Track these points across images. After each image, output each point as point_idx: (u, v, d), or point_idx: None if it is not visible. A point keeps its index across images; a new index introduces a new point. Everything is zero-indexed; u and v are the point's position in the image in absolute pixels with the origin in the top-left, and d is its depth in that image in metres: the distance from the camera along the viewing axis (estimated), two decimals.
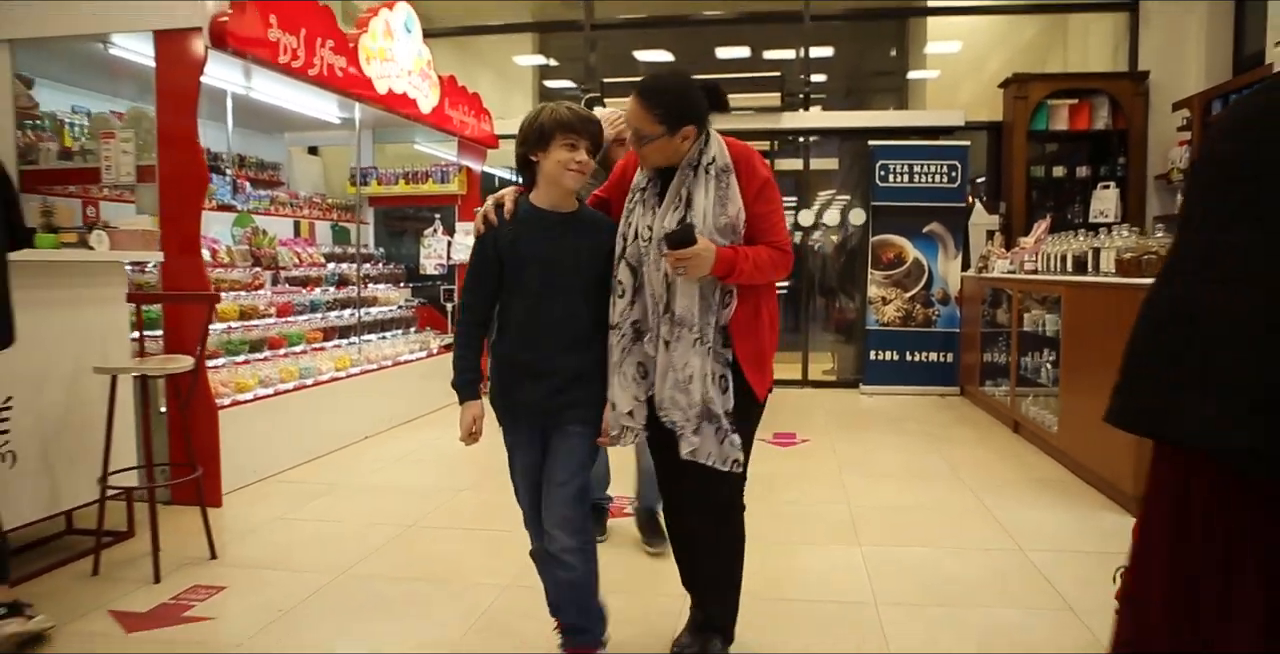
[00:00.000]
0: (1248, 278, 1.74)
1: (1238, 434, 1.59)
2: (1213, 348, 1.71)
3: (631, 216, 2.37)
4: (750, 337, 2.38)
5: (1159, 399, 1.75)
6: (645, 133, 2.26)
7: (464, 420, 2.36)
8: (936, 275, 7.85)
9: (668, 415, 2.31)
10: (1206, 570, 1.71)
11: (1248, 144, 1.83)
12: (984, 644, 2.72)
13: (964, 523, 3.98)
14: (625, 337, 2.35)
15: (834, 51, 11.98)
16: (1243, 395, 1.62)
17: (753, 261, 2.29)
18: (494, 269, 2.37)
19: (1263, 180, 1.75)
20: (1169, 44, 7.64)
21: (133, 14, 4.22)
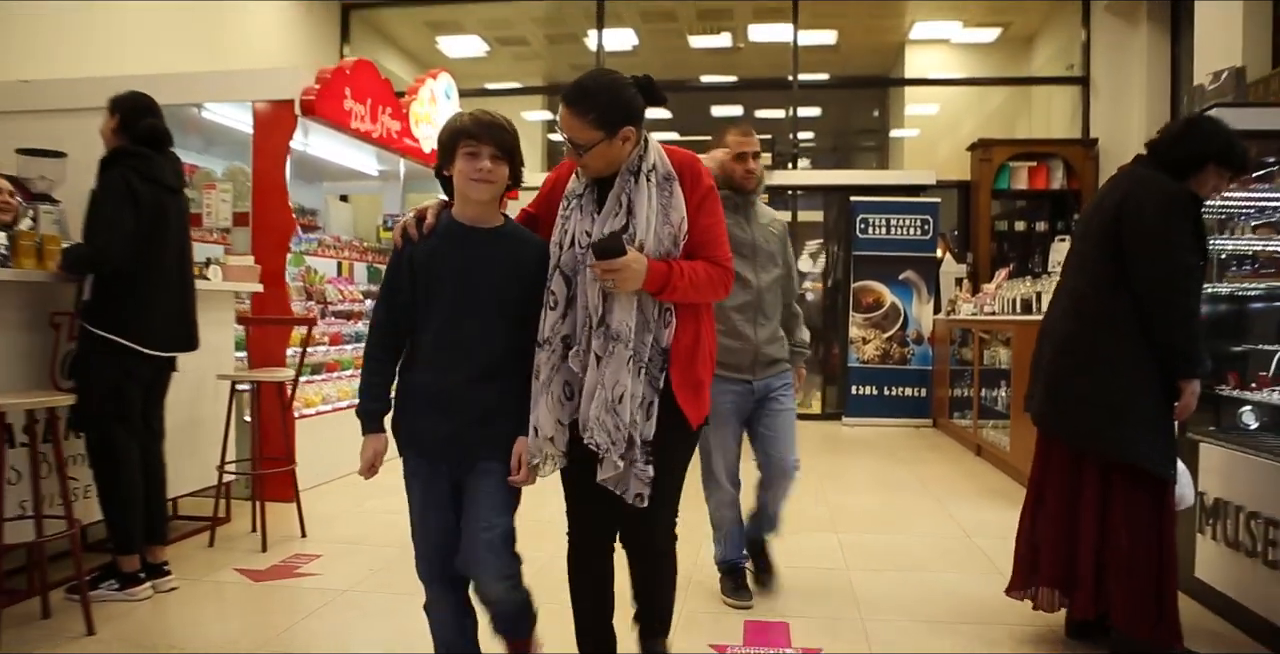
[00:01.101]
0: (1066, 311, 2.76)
1: (1033, 406, 2.83)
2: (1041, 358, 2.81)
3: (567, 223, 2.17)
4: (689, 360, 2.20)
5: (1031, 392, 2.69)
6: (582, 141, 2.08)
7: (364, 454, 2.18)
8: (911, 318, 8.70)
9: (592, 437, 2.09)
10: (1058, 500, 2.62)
11: (1085, 218, 2.75)
12: (927, 594, 3.49)
13: (923, 519, 4.76)
14: (555, 353, 2.14)
15: (821, 111, 13.07)
16: (1040, 384, 2.72)
17: (689, 278, 2.12)
18: (409, 286, 2.17)
19: (1085, 242, 2.64)
20: (1115, 114, 8.62)
21: (237, 87, 5.09)
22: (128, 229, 3.19)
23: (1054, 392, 2.79)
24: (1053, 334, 2.81)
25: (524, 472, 2.17)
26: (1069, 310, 2.77)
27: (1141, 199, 2.59)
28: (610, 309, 2.09)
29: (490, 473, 2.16)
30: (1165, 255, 2.55)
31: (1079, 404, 2.72)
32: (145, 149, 3.39)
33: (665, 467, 2.17)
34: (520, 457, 2.17)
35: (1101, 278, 2.72)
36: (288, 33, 8.90)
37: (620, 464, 2.09)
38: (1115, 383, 2.61)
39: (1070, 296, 2.80)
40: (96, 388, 3.20)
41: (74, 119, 5.02)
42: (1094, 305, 2.70)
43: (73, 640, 2.93)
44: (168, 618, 3.20)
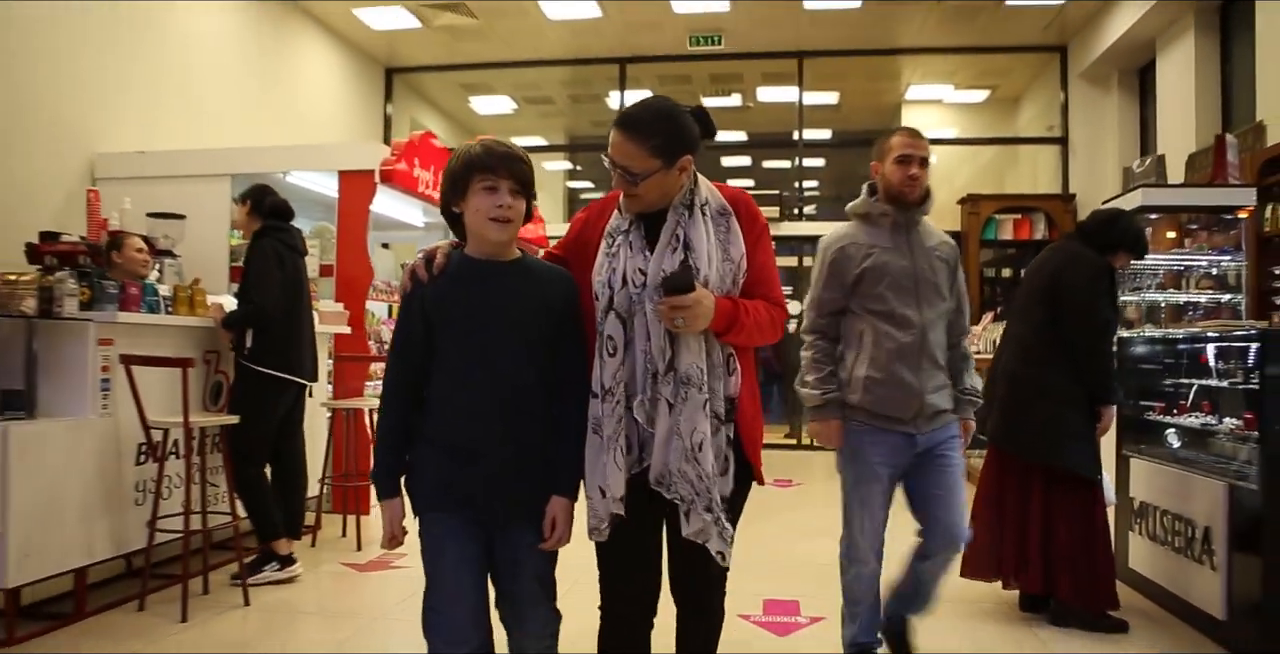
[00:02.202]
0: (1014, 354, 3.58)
1: (990, 430, 3.60)
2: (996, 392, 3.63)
3: (614, 261, 2.01)
4: (752, 409, 2.10)
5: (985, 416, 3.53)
6: (638, 170, 1.94)
7: (384, 522, 2.02)
8: None
9: (674, 490, 1.95)
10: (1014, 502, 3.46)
11: (1028, 279, 3.58)
12: None
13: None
14: (620, 404, 1.97)
15: (824, 162, 14.00)
16: (997, 412, 3.53)
17: (754, 317, 2.01)
18: (421, 333, 1.98)
19: (1029, 299, 3.48)
20: (1091, 171, 9.49)
21: (325, 157, 5.99)
22: (276, 289, 4.03)
23: (1007, 418, 3.60)
24: (1005, 373, 3.63)
25: (556, 536, 2.01)
26: (1016, 354, 3.59)
27: (1074, 273, 3.43)
28: (678, 352, 1.93)
29: (530, 538, 2.00)
30: (1090, 317, 3.40)
31: (1028, 427, 3.53)
32: (281, 222, 4.24)
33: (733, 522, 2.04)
34: (555, 518, 2.00)
35: (1041, 329, 3.55)
36: (340, 93, 9.83)
37: (707, 517, 1.94)
38: (1053, 410, 3.43)
39: (1018, 343, 3.63)
40: (264, 413, 4.02)
41: (179, 184, 5.95)
42: (1036, 351, 3.53)
43: (234, 609, 3.73)
44: (304, 593, 4.00)
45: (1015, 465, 3.62)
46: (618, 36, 9.87)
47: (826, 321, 2.92)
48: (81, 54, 5.98)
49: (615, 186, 2.03)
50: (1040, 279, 3.62)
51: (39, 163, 5.71)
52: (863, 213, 2.94)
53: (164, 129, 6.73)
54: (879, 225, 2.87)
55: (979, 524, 3.72)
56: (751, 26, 9.44)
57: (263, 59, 8.20)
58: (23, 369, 3.41)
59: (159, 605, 3.71)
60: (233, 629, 3.55)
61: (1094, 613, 3.47)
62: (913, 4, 8.88)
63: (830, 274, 2.89)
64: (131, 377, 3.58)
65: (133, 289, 3.92)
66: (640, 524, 2.02)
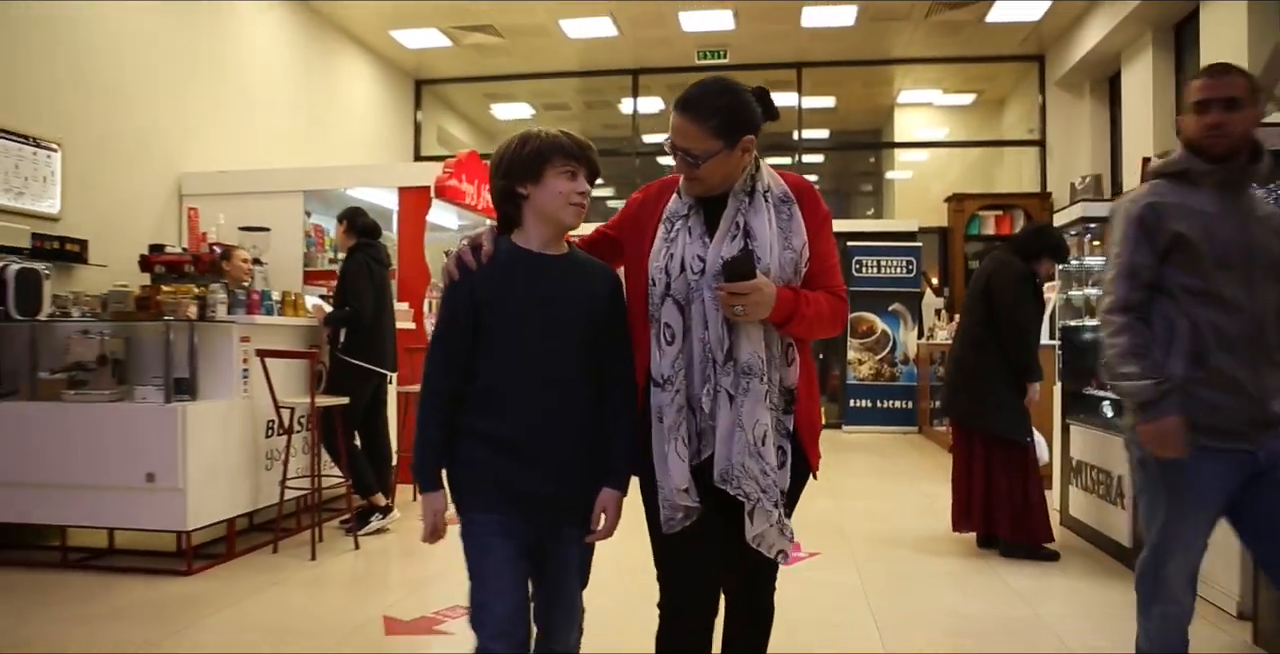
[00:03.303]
0: (962, 343, 4.42)
1: (944, 404, 4.50)
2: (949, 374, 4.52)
3: (673, 247, 1.96)
4: (811, 401, 2.04)
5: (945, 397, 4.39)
6: (699, 151, 1.89)
7: (424, 514, 1.95)
8: (899, 342, 10.41)
9: (738, 487, 1.88)
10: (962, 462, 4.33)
11: (973, 282, 4.47)
12: (894, 532, 5.17)
13: (898, 493, 6.44)
14: (680, 393, 1.92)
15: (823, 158, 14.87)
16: (948, 389, 4.35)
17: (814, 308, 1.94)
18: (469, 323, 1.93)
19: (972, 300, 4.38)
20: (1065, 171, 10.35)
21: (386, 175, 6.91)
22: (368, 296, 4.94)
23: (954, 394, 4.52)
24: (953, 358, 4.55)
25: (605, 528, 1.99)
26: (961, 343, 4.51)
27: (1001, 278, 4.34)
28: (737, 341, 1.89)
29: (571, 544, 1.99)
30: (1014, 314, 4.30)
31: (968, 400, 4.45)
32: (371, 240, 5.14)
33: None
34: (605, 509, 1.98)
35: (979, 323, 4.46)
36: (375, 104, 10.70)
37: (774, 514, 1.89)
38: (987, 386, 4.34)
39: (963, 334, 4.55)
40: (357, 397, 4.92)
41: (257, 199, 6.84)
42: (975, 340, 4.44)
43: (347, 552, 4.65)
44: (398, 540, 4.93)
45: (963, 433, 4.54)
46: (630, 51, 10.73)
47: (1142, 296, 2.32)
48: (162, 81, 6.87)
49: (676, 171, 2.00)
50: (978, 283, 4.53)
51: (135, 182, 6.60)
52: (1178, 170, 2.35)
53: (233, 147, 7.63)
54: (1200, 186, 2.30)
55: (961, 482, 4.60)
56: (754, 41, 10.30)
57: (310, 77, 9.10)
58: (188, 361, 4.32)
59: (289, 549, 4.64)
60: (349, 566, 4.48)
61: (1031, 545, 4.39)
62: (901, 21, 9.74)
63: (1139, 234, 2.32)
64: (265, 366, 4.49)
65: (254, 295, 4.83)
66: (711, 525, 1.95)
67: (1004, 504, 4.39)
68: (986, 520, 4.47)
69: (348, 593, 4.12)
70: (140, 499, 4.13)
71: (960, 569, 4.36)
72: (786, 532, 1.94)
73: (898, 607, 3.74)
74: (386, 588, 4.24)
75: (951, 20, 9.65)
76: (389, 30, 9.88)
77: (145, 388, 4.23)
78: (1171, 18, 8.19)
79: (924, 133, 12.83)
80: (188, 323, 4.29)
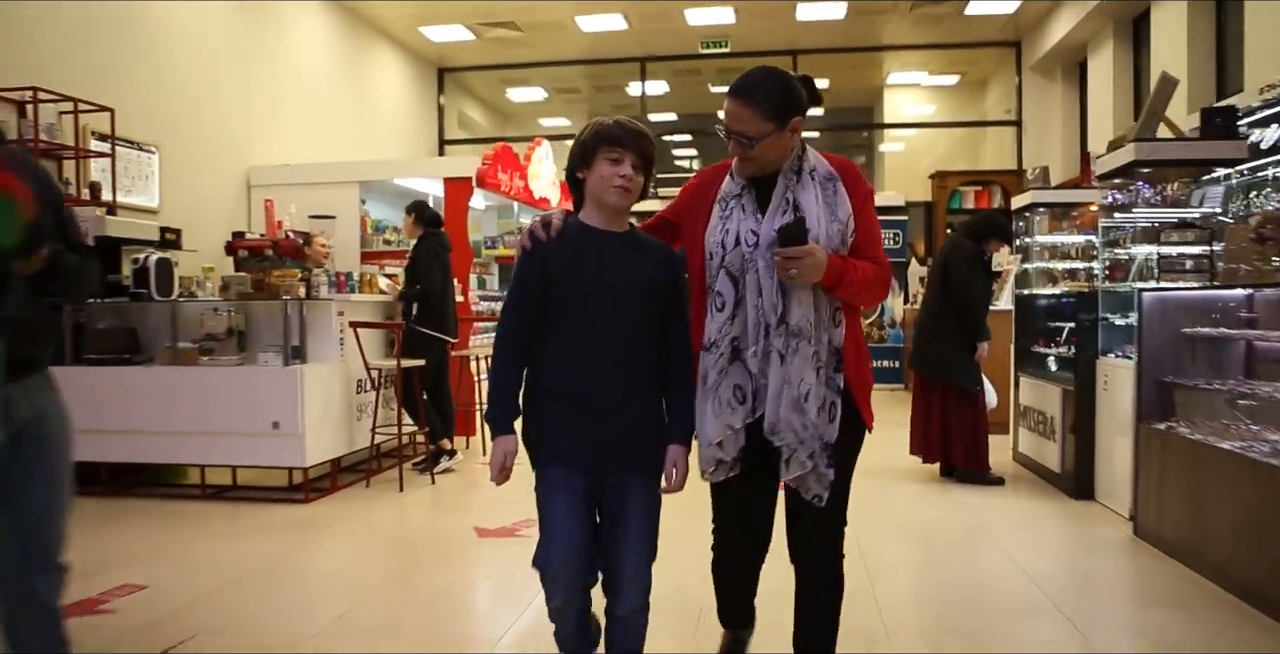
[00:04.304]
0: (926, 310, 5.48)
1: (912, 360, 5.53)
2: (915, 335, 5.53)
3: (728, 223, 2.14)
4: (860, 360, 2.23)
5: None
6: (753, 133, 2.05)
7: (495, 455, 2.11)
8: (887, 308, 11.40)
9: (782, 439, 2.08)
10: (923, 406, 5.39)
11: (935, 259, 5.48)
12: (868, 465, 6.21)
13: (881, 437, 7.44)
14: (723, 356, 2.12)
15: (818, 135, 15.76)
16: (914, 348, 5.41)
17: (861, 273, 2.09)
18: (540, 290, 2.11)
19: (933, 273, 5.40)
20: (1039, 150, 11.30)
21: (433, 167, 7.89)
22: (435, 276, 5.93)
23: (918, 352, 5.54)
24: (917, 323, 5.56)
25: (676, 480, 2.15)
26: (926, 310, 5.52)
27: (955, 258, 5.34)
28: (789, 306, 2.07)
29: (639, 486, 2.14)
30: (965, 288, 5.30)
31: (932, 357, 5.46)
32: (435, 229, 6.13)
33: (841, 471, 2.17)
34: (675, 464, 2.15)
35: (938, 294, 5.46)
36: (403, 92, 11.62)
37: (809, 463, 2.08)
38: (946, 345, 5.35)
39: (926, 303, 5.56)
40: (428, 360, 5.94)
41: (318, 189, 7.79)
42: (936, 307, 5.45)
43: (425, 486, 5.70)
44: (464, 476, 5.98)
45: (925, 382, 5.56)
46: (639, 42, 11.62)
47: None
48: (232, 84, 7.82)
49: (732, 153, 2.14)
50: (939, 260, 5.54)
51: (214, 176, 7.58)
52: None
53: (290, 140, 8.59)
54: None
55: (918, 421, 5.63)
56: (752, 33, 11.19)
57: (348, 71, 10.03)
58: (298, 332, 5.33)
59: (378, 485, 5.69)
60: (431, 495, 5.53)
61: (978, 472, 5.43)
62: (887, 14, 10.63)
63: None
64: (357, 336, 5.50)
65: (340, 276, 5.83)
66: (756, 468, 2.17)
67: (958, 440, 5.43)
68: (945, 453, 5.51)
69: (436, 512, 5.18)
70: (267, 442, 5.16)
71: (924, 491, 5.40)
72: (824, 480, 2.12)
73: (872, 516, 4.75)
74: (467, 509, 5.28)
75: (933, 13, 10.54)
76: (418, 27, 10.77)
77: (266, 353, 5.24)
78: (1129, 13, 9.10)
79: (912, 110, 13.75)
80: (299, 300, 5.29)
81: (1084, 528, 4.57)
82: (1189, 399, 4.13)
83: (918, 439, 5.64)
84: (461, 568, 4.07)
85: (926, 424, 5.55)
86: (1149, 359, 4.19)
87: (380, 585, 3.76)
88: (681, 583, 3.35)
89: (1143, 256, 4.82)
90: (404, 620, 3.35)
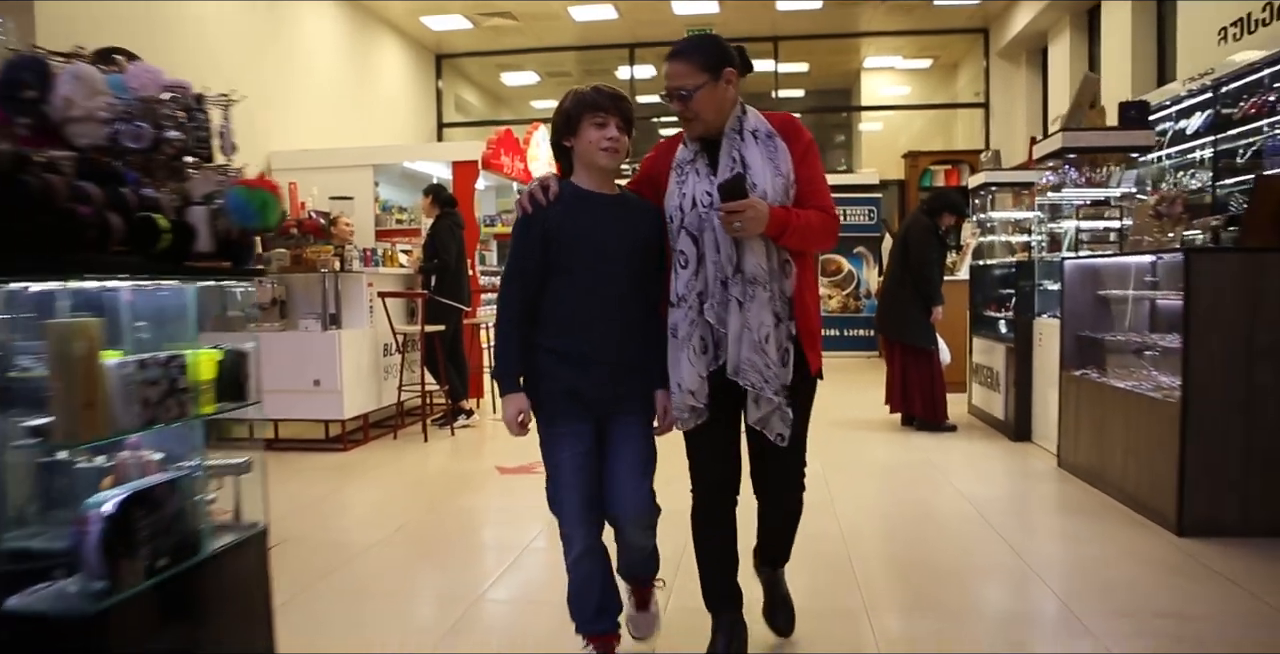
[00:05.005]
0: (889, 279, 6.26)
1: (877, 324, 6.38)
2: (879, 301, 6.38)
3: (684, 187, 2.27)
4: (808, 309, 2.35)
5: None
6: (689, 86, 2.21)
7: (509, 412, 2.27)
8: (862, 280, 12.16)
9: (745, 377, 2.23)
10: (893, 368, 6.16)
11: (897, 234, 6.24)
12: (842, 416, 6.96)
13: (854, 397, 8.24)
14: (691, 309, 2.25)
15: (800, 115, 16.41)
16: (878, 313, 6.21)
17: (805, 221, 2.21)
18: (540, 252, 2.23)
19: (896, 247, 6.17)
20: (1005, 131, 12.02)
21: (441, 152, 8.57)
22: (452, 251, 6.62)
23: (882, 315, 6.28)
24: (883, 289, 6.31)
25: (667, 422, 2.36)
26: (888, 277, 6.26)
27: (913, 232, 6.07)
28: (743, 255, 2.19)
29: (635, 426, 2.34)
30: (920, 259, 6.03)
31: (893, 320, 6.21)
32: (450, 209, 6.81)
33: (798, 413, 2.34)
34: (665, 408, 2.34)
35: (899, 265, 6.20)
36: (404, 77, 12.22)
37: (775, 400, 2.23)
38: (904, 309, 6.09)
39: (889, 272, 6.30)
40: (447, 326, 6.64)
41: (334, 172, 8.43)
42: (897, 277, 6.19)
43: (446, 439, 6.43)
44: (481, 430, 6.71)
45: (888, 343, 6.31)
46: (628, 30, 12.25)
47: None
48: (254, 71, 8.45)
49: (677, 115, 2.28)
50: (900, 234, 6.27)
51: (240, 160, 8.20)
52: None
53: (304, 125, 9.22)
54: None
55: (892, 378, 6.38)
56: (736, 21, 11.82)
57: (354, 59, 10.65)
58: (334, 301, 6.02)
59: (404, 438, 6.41)
60: (453, 445, 6.25)
61: (935, 422, 6.19)
62: (862, 4, 11.29)
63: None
64: (385, 305, 6.20)
65: (366, 251, 6.51)
66: (721, 415, 2.33)
67: (917, 393, 6.19)
68: (906, 404, 6.27)
69: (460, 458, 5.91)
70: (309, 398, 5.87)
71: (887, 438, 6.17)
72: (786, 419, 2.29)
73: (839, 457, 5.51)
74: (487, 454, 6.00)
75: (904, 6, 11.22)
76: (420, 17, 11.37)
77: (306, 320, 5.94)
78: (1084, 6, 9.80)
79: (888, 91, 14.44)
80: (334, 273, 5.98)
81: (1017, 462, 5.34)
82: (1104, 350, 4.88)
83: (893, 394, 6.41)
84: (492, 495, 4.80)
85: (891, 379, 6.31)
86: (1070, 317, 4.94)
87: (425, 508, 4.50)
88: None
89: (1071, 230, 5.57)
90: (451, 530, 4.10)
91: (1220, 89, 6.11)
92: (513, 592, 3.27)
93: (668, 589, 2.99)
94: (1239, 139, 5.94)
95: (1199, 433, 3.62)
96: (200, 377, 1.86)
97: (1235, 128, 5.94)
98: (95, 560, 1.51)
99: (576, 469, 2.29)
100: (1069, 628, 2.83)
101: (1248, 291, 3.59)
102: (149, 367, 1.65)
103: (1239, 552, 3.46)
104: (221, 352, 1.97)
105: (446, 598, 3.21)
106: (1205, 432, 3.62)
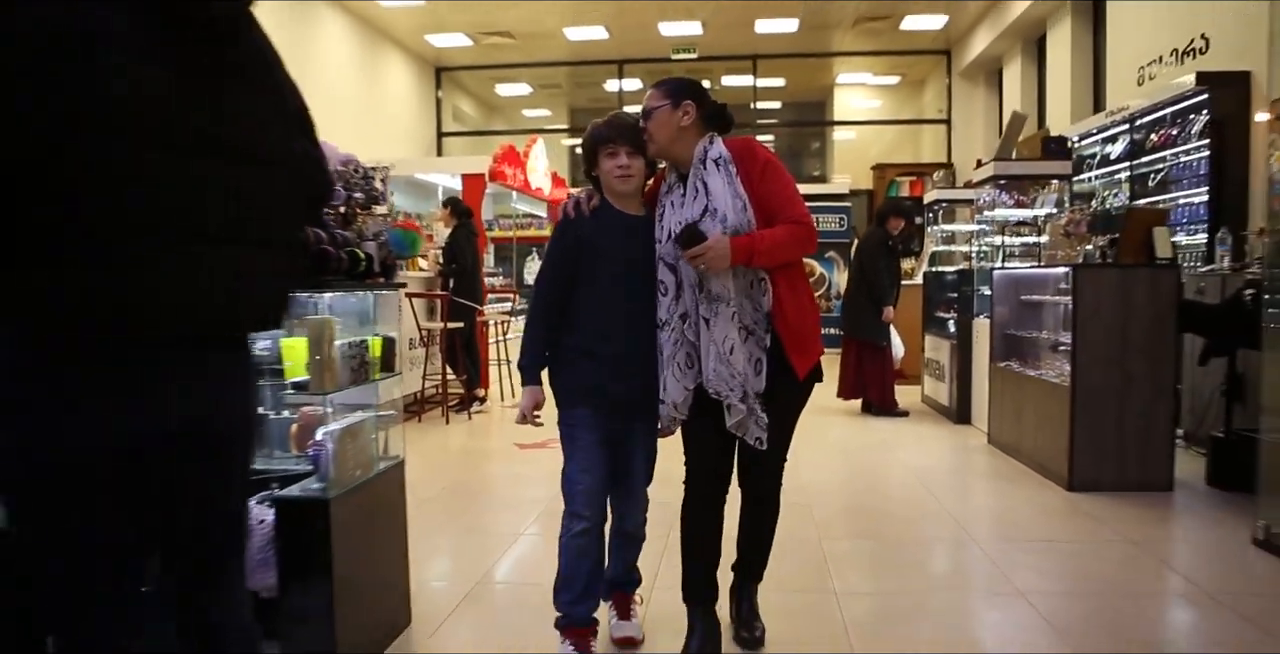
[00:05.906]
0: (850, 281, 7.23)
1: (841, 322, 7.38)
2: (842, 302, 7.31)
3: (663, 221, 2.45)
4: (787, 318, 2.47)
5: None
6: (651, 107, 2.45)
7: (526, 403, 2.49)
8: (833, 282, 13.13)
9: (712, 387, 2.40)
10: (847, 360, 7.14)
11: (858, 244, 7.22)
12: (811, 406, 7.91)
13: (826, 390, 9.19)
14: (675, 330, 2.44)
15: (777, 127, 17.42)
16: (841, 313, 7.24)
17: (769, 241, 2.34)
18: (574, 258, 2.45)
19: (854, 256, 7.13)
20: (966, 143, 13.04)
21: (453, 164, 9.44)
22: (468, 256, 7.52)
23: (845, 316, 7.25)
24: (845, 294, 7.27)
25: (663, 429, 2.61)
26: (851, 283, 7.23)
27: (867, 241, 7.05)
28: (710, 279, 2.37)
29: (647, 429, 2.59)
30: (872, 267, 6.99)
31: (851, 319, 7.17)
32: (466, 219, 7.71)
33: (777, 416, 2.54)
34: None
35: (858, 271, 7.16)
36: (407, 89, 13.11)
37: (744, 408, 2.41)
38: (861, 309, 7.05)
39: (851, 278, 7.26)
40: (463, 323, 7.53)
41: None
42: (856, 283, 7.15)
43: (463, 422, 7.33)
44: (494, 415, 7.61)
45: (847, 339, 7.28)
46: (617, 48, 13.18)
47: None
48: None
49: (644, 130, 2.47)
50: (859, 244, 7.24)
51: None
52: None
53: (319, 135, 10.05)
54: None
55: (845, 369, 7.34)
56: (717, 42, 12.80)
57: (363, 73, 11.55)
58: None
59: (427, 421, 7.31)
60: (471, 427, 7.16)
61: (888, 408, 7.16)
62: (834, 29, 12.28)
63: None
64: (411, 304, 7.09)
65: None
66: (708, 423, 2.50)
67: (873, 383, 7.16)
68: (863, 393, 7.23)
69: (479, 436, 6.82)
70: None
71: (846, 422, 7.13)
72: (761, 424, 2.46)
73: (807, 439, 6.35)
74: (504, 434, 6.89)
75: (873, 29, 12.21)
76: (424, 34, 12.24)
77: None
78: (1033, 35, 10.82)
79: (859, 105, 15.45)
80: None
81: (956, 441, 6.31)
82: (1024, 346, 5.85)
83: (845, 382, 7.37)
84: (516, 464, 5.71)
85: (848, 371, 7.28)
86: (998, 318, 5.91)
87: (461, 472, 5.42)
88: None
89: (1001, 244, 6.56)
90: (490, 488, 5.04)
91: (1135, 121, 7.12)
92: (546, 529, 4.19)
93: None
94: (1150, 165, 6.95)
95: (1084, 410, 4.60)
96: (374, 354, 2.75)
97: (1147, 155, 6.95)
98: (326, 468, 2.42)
99: (591, 454, 2.51)
100: (968, 549, 3.80)
101: (1122, 299, 4.57)
102: (353, 347, 2.55)
103: (1110, 502, 4.44)
104: (382, 338, 2.85)
105: (496, 535, 4.13)
106: (1089, 409, 4.60)
